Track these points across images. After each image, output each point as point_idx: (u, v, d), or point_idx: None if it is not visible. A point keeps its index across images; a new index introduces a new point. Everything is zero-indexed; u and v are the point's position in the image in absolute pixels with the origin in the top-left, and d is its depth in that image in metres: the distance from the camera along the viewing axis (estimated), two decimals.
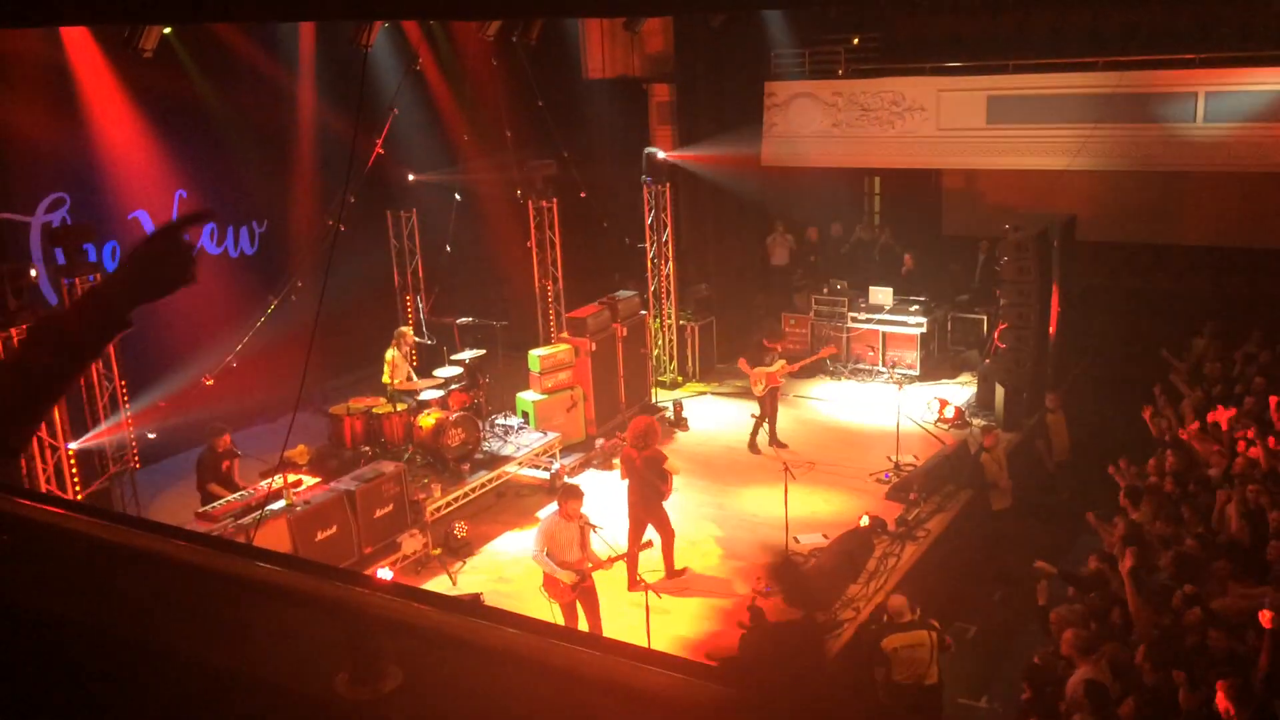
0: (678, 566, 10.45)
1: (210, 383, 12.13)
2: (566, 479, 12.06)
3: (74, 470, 10.27)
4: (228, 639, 1.76)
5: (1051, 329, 14.25)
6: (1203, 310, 14.82)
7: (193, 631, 1.81)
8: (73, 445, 10.31)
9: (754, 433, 13.29)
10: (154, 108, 12.37)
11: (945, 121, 16.44)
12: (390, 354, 12.49)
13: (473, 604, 1.92)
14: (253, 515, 9.39)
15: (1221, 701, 6.27)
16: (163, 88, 12.28)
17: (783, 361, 13.28)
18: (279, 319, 12.21)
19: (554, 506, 9.09)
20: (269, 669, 1.67)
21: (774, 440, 13.27)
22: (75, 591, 1.93)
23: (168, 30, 11.36)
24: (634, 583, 9.66)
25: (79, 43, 11.54)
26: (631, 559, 9.69)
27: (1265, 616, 6.99)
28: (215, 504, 9.88)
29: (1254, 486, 9.19)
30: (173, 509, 11.27)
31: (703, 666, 1.69)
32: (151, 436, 11.90)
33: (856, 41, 17.51)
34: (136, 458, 11.25)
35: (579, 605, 8.75)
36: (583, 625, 8.73)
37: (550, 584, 8.69)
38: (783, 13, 16.45)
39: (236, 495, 10.07)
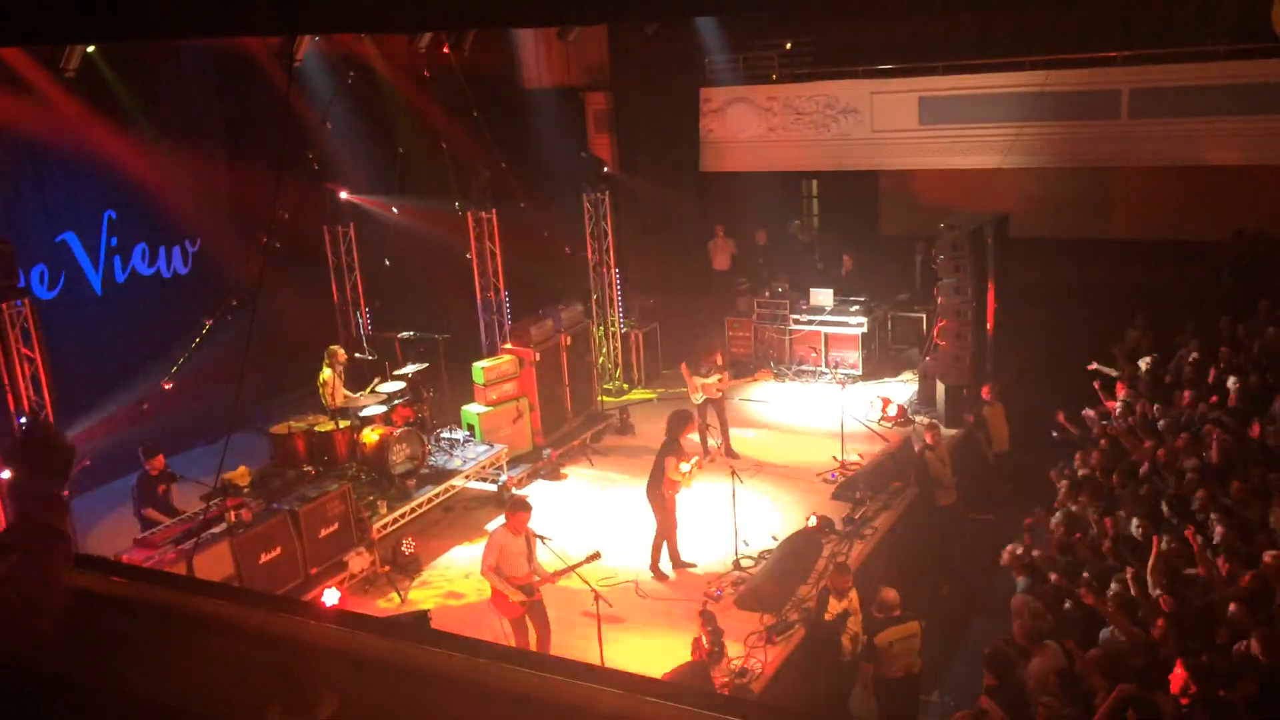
0: (629, 574, 10.51)
1: (145, 406, 11.88)
2: (514, 490, 12.00)
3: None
4: (157, 673, 1.72)
5: (989, 325, 14.47)
6: (1134, 302, 15.15)
7: (121, 666, 1.76)
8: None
9: (702, 439, 13.25)
10: (80, 127, 12.10)
11: (879, 123, 16.67)
12: (324, 374, 12.30)
13: (406, 627, 1.90)
14: (193, 540, 9.20)
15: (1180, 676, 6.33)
16: (88, 107, 12.03)
17: (719, 376, 13.21)
18: (216, 339, 11.98)
19: (503, 519, 9.02)
20: (200, 703, 1.63)
21: (728, 451, 13.21)
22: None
23: (91, 49, 11.13)
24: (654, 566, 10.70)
25: None
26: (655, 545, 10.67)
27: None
28: (154, 530, 9.66)
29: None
30: (111, 537, 10.99)
31: (651, 681, 1.68)
32: (86, 463, 11.60)
33: (789, 46, 17.68)
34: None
35: (528, 620, 8.69)
36: (533, 640, 8.68)
37: (498, 600, 8.61)
38: (715, 19, 16.54)
39: (176, 520, 9.86)
